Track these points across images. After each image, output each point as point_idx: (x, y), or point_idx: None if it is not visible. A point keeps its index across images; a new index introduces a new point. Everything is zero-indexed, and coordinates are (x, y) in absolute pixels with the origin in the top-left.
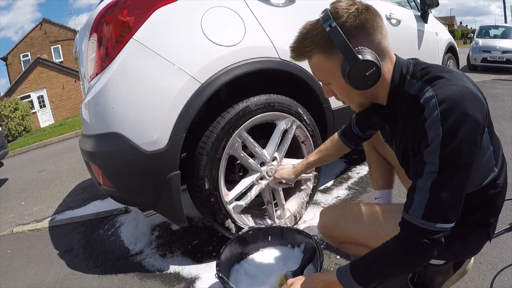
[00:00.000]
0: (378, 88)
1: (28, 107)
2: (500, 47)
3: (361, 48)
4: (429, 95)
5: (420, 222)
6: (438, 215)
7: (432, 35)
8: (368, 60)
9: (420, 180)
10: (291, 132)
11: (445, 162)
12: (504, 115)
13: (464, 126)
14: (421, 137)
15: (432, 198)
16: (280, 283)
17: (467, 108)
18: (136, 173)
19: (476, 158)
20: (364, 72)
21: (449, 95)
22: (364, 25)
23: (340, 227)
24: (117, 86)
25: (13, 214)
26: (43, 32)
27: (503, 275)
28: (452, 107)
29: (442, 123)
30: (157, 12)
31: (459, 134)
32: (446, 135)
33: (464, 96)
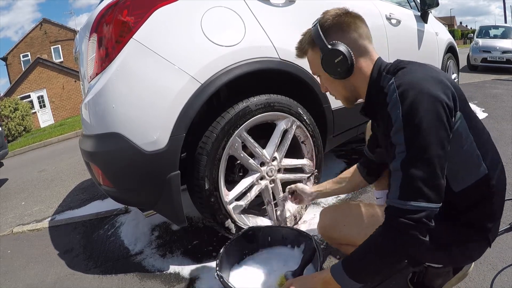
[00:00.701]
0: (357, 82)
1: (28, 107)
2: (500, 47)
3: (335, 42)
4: (390, 82)
5: (397, 202)
6: (412, 193)
7: (432, 35)
8: (335, 49)
9: (393, 163)
10: (291, 132)
11: (410, 139)
12: (504, 115)
13: (422, 102)
14: (387, 122)
15: (404, 177)
16: (280, 283)
17: (424, 87)
18: (136, 173)
19: (444, 135)
20: (333, 59)
21: (406, 79)
22: (341, 25)
23: (339, 228)
24: (117, 86)
25: (13, 214)
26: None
27: (503, 275)
28: (409, 87)
29: (401, 103)
30: (157, 12)
31: (419, 110)
32: (405, 113)
33: (421, 78)
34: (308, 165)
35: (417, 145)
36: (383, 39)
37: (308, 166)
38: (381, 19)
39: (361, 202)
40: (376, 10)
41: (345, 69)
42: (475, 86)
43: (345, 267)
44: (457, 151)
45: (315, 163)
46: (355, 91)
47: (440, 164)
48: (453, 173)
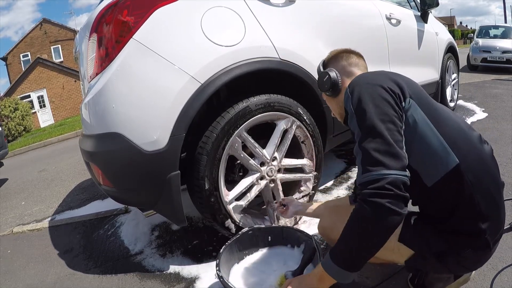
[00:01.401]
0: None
1: (28, 107)
2: (500, 47)
3: (329, 68)
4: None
5: (361, 178)
6: (370, 164)
7: (432, 35)
8: (324, 71)
9: (354, 147)
10: (291, 132)
11: (361, 120)
12: (504, 115)
13: (366, 90)
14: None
15: (363, 154)
16: (280, 283)
17: (369, 79)
18: (136, 173)
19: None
20: (322, 78)
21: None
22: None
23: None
24: (117, 86)
25: (13, 214)
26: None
27: (503, 275)
28: (356, 84)
29: (351, 96)
30: (157, 12)
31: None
32: (354, 101)
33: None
34: (308, 165)
35: (367, 123)
36: (383, 39)
37: (308, 166)
38: (381, 19)
39: None
40: (376, 10)
41: (330, 85)
42: (475, 86)
43: (333, 257)
44: (418, 139)
45: (315, 163)
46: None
47: (392, 136)
48: (420, 165)
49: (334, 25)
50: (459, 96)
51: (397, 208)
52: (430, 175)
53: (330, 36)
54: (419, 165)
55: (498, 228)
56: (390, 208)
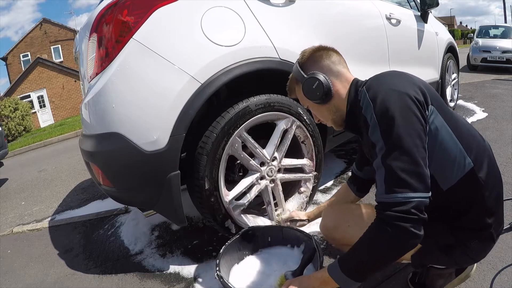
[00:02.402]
0: (338, 103)
1: (28, 107)
2: (500, 47)
3: (311, 72)
4: (361, 90)
5: (384, 197)
6: (397, 185)
7: (432, 35)
8: (311, 77)
9: (375, 161)
10: (291, 132)
11: (386, 133)
12: (504, 115)
13: (391, 98)
14: (364, 125)
15: (387, 171)
16: (280, 283)
17: (391, 85)
18: (136, 173)
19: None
20: (311, 85)
21: (375, 84)
22: (313, 57)
23: (342, 230)
24: (117, 86)
25: (13, 214)
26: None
27: (503, 275)
28: (377, 89)
29: (373, 104)
30: (157, 12)
31: (389, 105)
32: (378, 111)
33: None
34: (308, 165)
35: (393, 138)
36: (383, 39)
37: (308, 166)
38: (381, 19)
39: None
40: (376, 10)
41: (322, 91)
42: (475, 86)
43: (341, 265)
44: (438, 147)
45: (315, 163)
46: (339, 111)
47: (419, 153)
48: (439, 170)
49: (334, 25)
50: (459, 96)
51: (418, 231)
52: (446, 179)
53: (330, 36)
54: (436, 170)
55: (500, 222)
56: (412, 232)
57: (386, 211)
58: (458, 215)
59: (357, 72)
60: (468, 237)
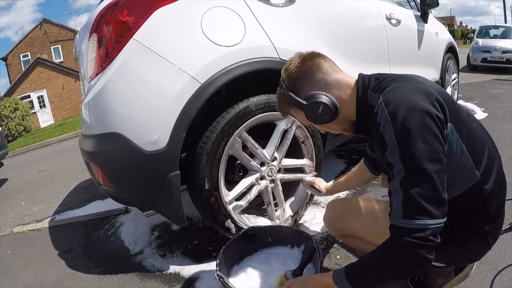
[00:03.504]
0: (346, 111)
1: (28, 107)
2: (500, 47)
3: (309, 94)
4: (379, 102)
5: (401, 222)
6: (416, 211)
7: (432, 35)
8: (313, 102)
9: (392, 182)
10: (291, 132)
11: (406, 156)
12: (504, 115)
13: (412, 118)
14: (382, 142)
15: (405, 195)
16: (280, 283)
17: (412, 102)
18: (136, 173)
19: (439, 148)
20: (316, 111)
21: (394, 96)
22: (303, 74)
23: (343, 220)
24: (117, 86)
25: (13, 214)
26: (43, 32)
27: (503, 275)
28: (397, 105)
29: (392, 122)
30: (157, 12)
31: (410, 126)
32: (398, 131)
33: (408, 93)
34: (308, 165)
35: (414, 162)
36: (383, 39)
37: (308, 166)
38: (381, 19)
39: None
40: (376, 10)
41: (331, 113)
42: (475, 86)
43: (348, 276)
44: (450, 163)
45: (315, 163)
46: (348, 119)
47: (439, 178)
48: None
49: (334, 25)
50: (459, 96)
51: (431, 256)
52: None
53: (330, 36)
54: None
55: (499, 228)
56: (427, 258)
57: (404, 236)
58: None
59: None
60: (464, 238)
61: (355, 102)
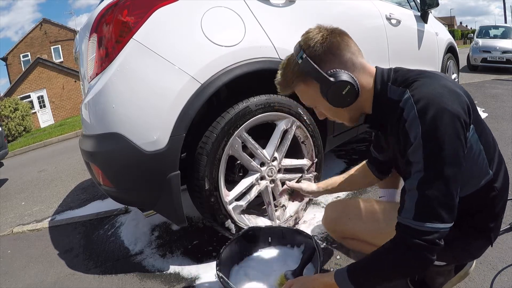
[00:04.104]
0: (362, 100)
1: (28, 107)
2: (500, 47)
3: (334, 71)
4: (406, 97)
5: (412, 223)
6: (428, 214)
7: (432, 35)
8: (342, 81)
9: (409, 181)
10: (291, 133)
11: (429, 158)
12: (504, 115)
13: (442, 120)
14: (405, 139)
15: (420, 197)
16: (280, 283)
17: (444, 103)
18: (136, 173)
19: (461, 154)
20: (340, 91)
21: (425, 94)
22: (331, 48)
23: (343, 222)
24: (117, 86)
25: (13, 214)
26: (43, 32)
27: (503, 275)
28: (428, 103)
29: (420, 121)
30: (157, 12)
31: (439, 128)
32: (426, 131)
33: (440, 92)
34: (308, 165)
35: (436, 165)
36: (383, 39)
37: (308, 166)
38: (381, 19)
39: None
40: (376, 10)
41: (353, 97)
42: (475, 86)
43: (349, 275)
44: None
45: (315, 163)
46: (359, 109)
47: (455, 184)
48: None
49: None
50: None
51: (434, 257)
52: (465, 189)
53: None
54: None
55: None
56: (431, 259)
57: (413, 237)
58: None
59: None
60: (470, 235)
61: (372, 93)
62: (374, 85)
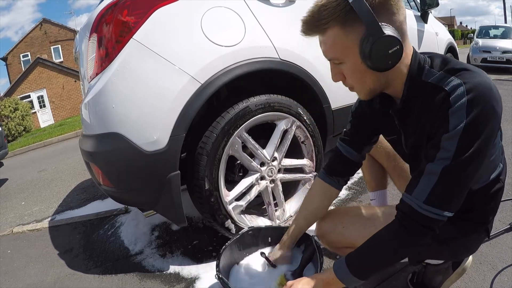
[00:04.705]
0: (395, 75)
1: (28, 107)
2: (500, 47)
3: (385, 25)
4: (457, 83)
5: (421, 206)
6: (441, 202)
7: (432, 35)
8: (394, 36)
9: (431, 164)
10: (291, 133)
11: (462, 150)
12: (504, 115)
13: (488, 119)
14: (442, 123)
15: (440, 183)
16: (280, 283)
17: (494, 102)
18: (136, 173)
19: (489, 152)
20: (387, 49)
21: (478, 85)
22: (388, 5)
23: (337, 232)
24: (117, 86)
25: (13, 214)
26: (43, 32)
27: (503, 275)
28: (480, 97)
29: (467, 112)
30: (157, 12)
31: (482, 126)
32: (469, 124)
33: (492, 89)
34: (308, 165)
35: (466, 159)
36: None
37: (308, 166)
38: None
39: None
40: None
41: (396, 62)
42: None
43: (349, 263)
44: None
45: (315, 163)
46: (386, 84)
47: (473, 178)
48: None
49: None
50: None
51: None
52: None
53: None
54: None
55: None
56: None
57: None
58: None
59: None
60: (468, 229)
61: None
62: (410, 63)
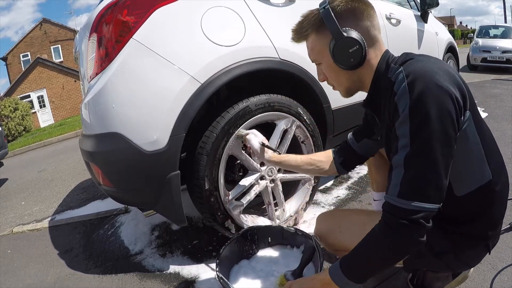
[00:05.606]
0: (364, 73)
1: (28, 107)
2: (500, 47)
3: (348, 29)
4: (398, 71)
5: (396, 200)
6: (413, 192)
7: (432, 35)
8: (352, 37)
9: (396, 157)
10: (291, 132)
11: (416, 132)
12: (504, 115)
13: (432, 94)
14: (394, 112)
15: (406, 173)
16: (280, 283)
17: (435, 78)
18: (136, 173)
19: (452, 133)
20: (347, 48)
21: (416, 69)
22: (354, 10)
23: (334, 235)
24: (117, 86)
25: (13, 214)
26: (43, 32)
27: (503, 275)
28: (419, 77)
29: (409, 93)
30: (157, 12)
31: (427, 102)
32: (413, 103)
33: (432, 69)
34: None
35: (422, 140)
36: (383, 39)
37: None
38: (381, 19)
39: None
40: (376, 10)
41: (358, 60)
42: (475, 86)
43: (342, 267)
44: (462, 153)
45: None
46: (358, 82)
47: (444, 163)
48: (456, 175)
49: None
50: None
51: (422, 239)
52: (462, 187)
53: None
54: (454, 177)
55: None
56: (416, 241)
57: (396, 217)
58: (463, 222)
59: None
60: (464, 244)
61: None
62: (378, 63)
